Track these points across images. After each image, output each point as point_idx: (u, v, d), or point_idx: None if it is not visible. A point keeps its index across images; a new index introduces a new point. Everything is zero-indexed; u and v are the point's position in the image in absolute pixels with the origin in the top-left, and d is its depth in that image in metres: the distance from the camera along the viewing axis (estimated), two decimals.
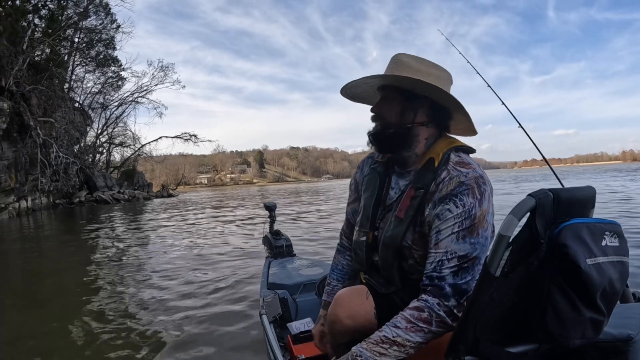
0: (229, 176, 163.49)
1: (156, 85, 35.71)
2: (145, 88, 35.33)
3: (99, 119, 33.71)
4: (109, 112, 34.41)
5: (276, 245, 2.91)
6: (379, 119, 1.24)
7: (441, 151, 1.17)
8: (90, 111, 31.43)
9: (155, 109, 36.96)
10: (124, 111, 35.50)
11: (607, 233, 0.86)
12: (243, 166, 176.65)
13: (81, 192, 24.96)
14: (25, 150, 18.42)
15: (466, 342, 0.88)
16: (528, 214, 0.85)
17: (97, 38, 29.65)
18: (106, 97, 33.63)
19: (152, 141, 38.24)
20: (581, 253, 0.81)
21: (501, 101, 1.69)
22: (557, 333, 0.83)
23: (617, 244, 0.87)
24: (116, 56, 32.17)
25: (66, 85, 27.48)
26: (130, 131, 36.72)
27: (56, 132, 21.32)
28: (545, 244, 0.83)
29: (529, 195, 0.85)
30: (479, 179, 1.08)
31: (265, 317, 1.80)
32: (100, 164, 34.29)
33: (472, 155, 1.20)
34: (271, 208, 3.36)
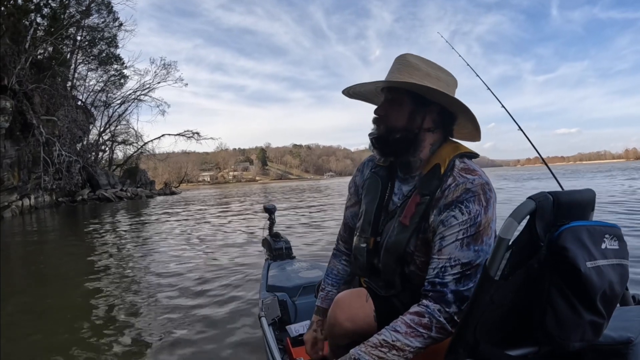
0: (231, 174, 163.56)
1: (159, 83, 35.84)
2: (148, 86, 35.43)
3: (102, 117, 33.87)
4: (111, 110, 34.51)
5: (275, 248, 2.91)
6: (383, 122, 1.20)
7: (447, 157, 1.15)
8: (92, 109, 31.54)
9: (158, 107, 37.16)
10: (126, 109, 35.62)
11: (607, 236, 0.86)
12: (246, 164, 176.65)
13: (84, 190, 25.04)
14: (28, 149, 18.46)
15: (466, 344, 0.88)
16: (528, 216, 0.85)
17: (99, 36, 29.73)
18: (109, 95, 33.72)
19: (154, 139, 38.49)
20: (581, 256, 0.81)
21: (500, 104, 1.68)
22: (557, 335, 0.84)
23: (616, 247, 0.87)
24: (119, 54, 32.29)
25: (69, 84, 27.58)
26: (133, 129, 36.83)
27: (59, 130, 21.36)
28: (545, 246, 0.84)
29: (528, 198, 0.85)
30: (484, 186, 1.07)
31: (264, 320, 1.80)
32: (103, 162, 34.38)
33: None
34: (271, 210, 3.35)
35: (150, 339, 2.73)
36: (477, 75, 1.76)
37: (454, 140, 1.24)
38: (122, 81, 34.08)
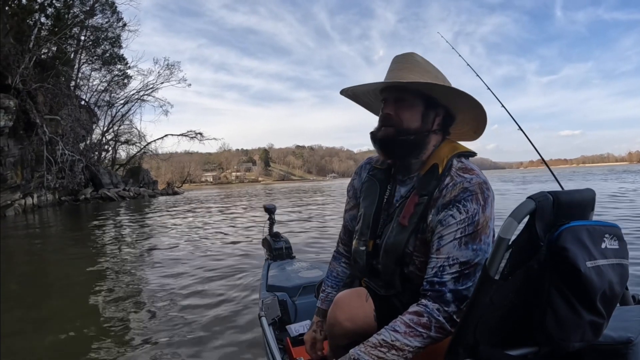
0: (234, 174, 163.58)
1: (162, 83, 36.06)
2: (151, 86, 35.64)
3: (105, 116, 34.00)
4: (114, 110, 34.72)
5: (275, 248, 2.91)
6: (393, 123, 1.17)
7: (445, 157, 1.14)
8: (96, 109, 31.64)
9: (161, 107, 37.20)
10: (129, 109, 35.83)
11: (606, 236, 0.86)
12: (248, 164, 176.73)
13: (87, 190, 25.09)
14: (32, 148, 18.49)
15: (465, 345, 0.88)
16: (528, 216, 0.84)
17: (103, 36, 29.78)
18: (112, 95, 33.89)
19: (157, 139, 38.47)
20: (581, 256, 0.80)
21: (501, 104, 1.68)
22: (556, 336, 0.83)
23: (616, 247, 0.87)
24: (122, 54, 32.38)
25: (72, 83, 27.65)
26: (136, 129, 37.07)
27: (62, 129, 21.40)
28: (545, 246, 0.83)
29: (528, 197, 0.85)
30: (482, 185, 1.07)
31: (264, 319, 1.80)
32: (106, 161, 34.50)
33: (478, 156, 1.18)
34: (271, 210, 3.35)
35: (150, 338, 2.74)
36: (477, 75, 1.76)
37: (451, 139, 1.24)
38: (126, 81, 34.26)
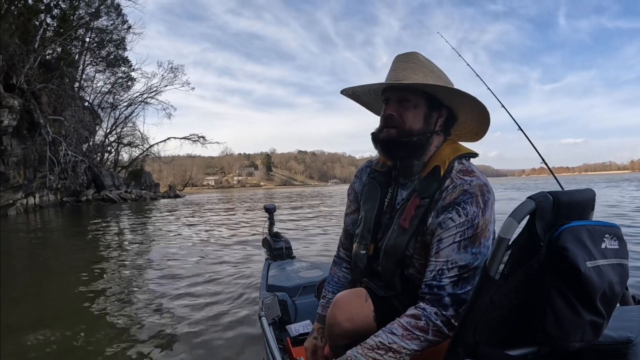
0: (236, 178, 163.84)
1: (165, 86, 35.94)
2: (155, 89, 35.57)
3: (108, 118, 33.98)
4: (118, 112, 34.67)
5: (276, 248, 2.91)
6: (396, 124, 1.15)
7: (447, 159, 1.13)
8: (99, 110, 31.66)
9: (164, 110, 37.10)
10: (133, 111, 35.76)
11: (606, 235, 0.86)
12: (250, 169, 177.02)
13: (89, 191, 25.12)
14: (35, 148, 18.54)
15: (465, 345, 0.88)
16: (528, 216, 0.85)
17: (108, 38, 29.90)
18: (116, 97, 33.89)
19: (160, 142, 38.44)
20: (581, 256, 0.80)
21: (501, 104, 1.68)
22: (556, 336, 0.83)
23: (616, 247, 0.87)
24: (126, 57, 32.47)
25: (76, 85, 27.73)
26: (139, 131, 36.94)
27: (65, 130, 21.47)
28: (545, 246, 0.83)
29: (528, 197, 0.85)
30: (482, 187, 1.06)
31: (264, 319, 1.79)
32: (109, 163, 34.50)
33: (481, 163, 1.18)
34: (271, 210, 3.35)
35: (150, 338, 2.73)
36: (478, 76, 1.77)
37: (452, 140, 1.23)
38: (129, 83, 34.28)
